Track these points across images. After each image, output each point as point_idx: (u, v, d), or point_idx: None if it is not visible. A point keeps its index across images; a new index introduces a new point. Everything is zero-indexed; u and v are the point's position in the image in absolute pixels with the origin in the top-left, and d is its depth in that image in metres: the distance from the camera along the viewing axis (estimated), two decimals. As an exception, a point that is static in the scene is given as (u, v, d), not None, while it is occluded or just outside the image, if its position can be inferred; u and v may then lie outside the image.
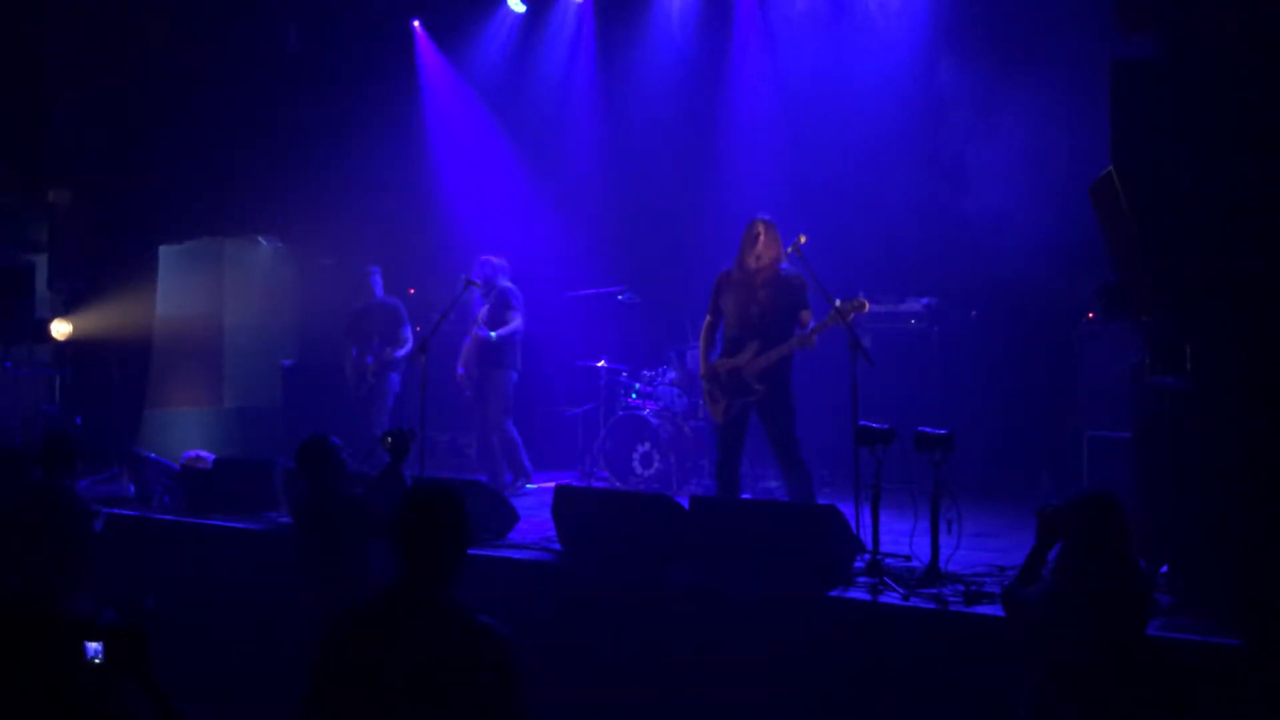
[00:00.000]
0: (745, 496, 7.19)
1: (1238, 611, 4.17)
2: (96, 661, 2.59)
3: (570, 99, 10.12)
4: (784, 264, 6.22)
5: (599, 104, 9.92)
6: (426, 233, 10.33)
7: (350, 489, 5.38)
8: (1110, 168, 4.96)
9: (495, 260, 8.20)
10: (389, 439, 5.49)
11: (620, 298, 8.88)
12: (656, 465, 8.18)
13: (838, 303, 5.78)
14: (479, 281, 7.90)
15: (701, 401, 8.45)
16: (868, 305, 5.94)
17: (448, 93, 10.29)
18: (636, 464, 8.27)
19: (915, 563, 5.30)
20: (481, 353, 8.00)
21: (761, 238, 6.16)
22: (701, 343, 6.51)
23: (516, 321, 8.01)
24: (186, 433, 9.84)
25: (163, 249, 9.60)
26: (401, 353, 8.63)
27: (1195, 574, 4.58)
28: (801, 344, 6.06)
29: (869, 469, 5.28)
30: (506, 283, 8.15)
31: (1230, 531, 4.31)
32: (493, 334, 7.81)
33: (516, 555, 5.92)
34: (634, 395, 8.62)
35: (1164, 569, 4.76)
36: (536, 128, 10.27)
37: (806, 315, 6.14)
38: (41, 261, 9.25)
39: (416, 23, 10.07)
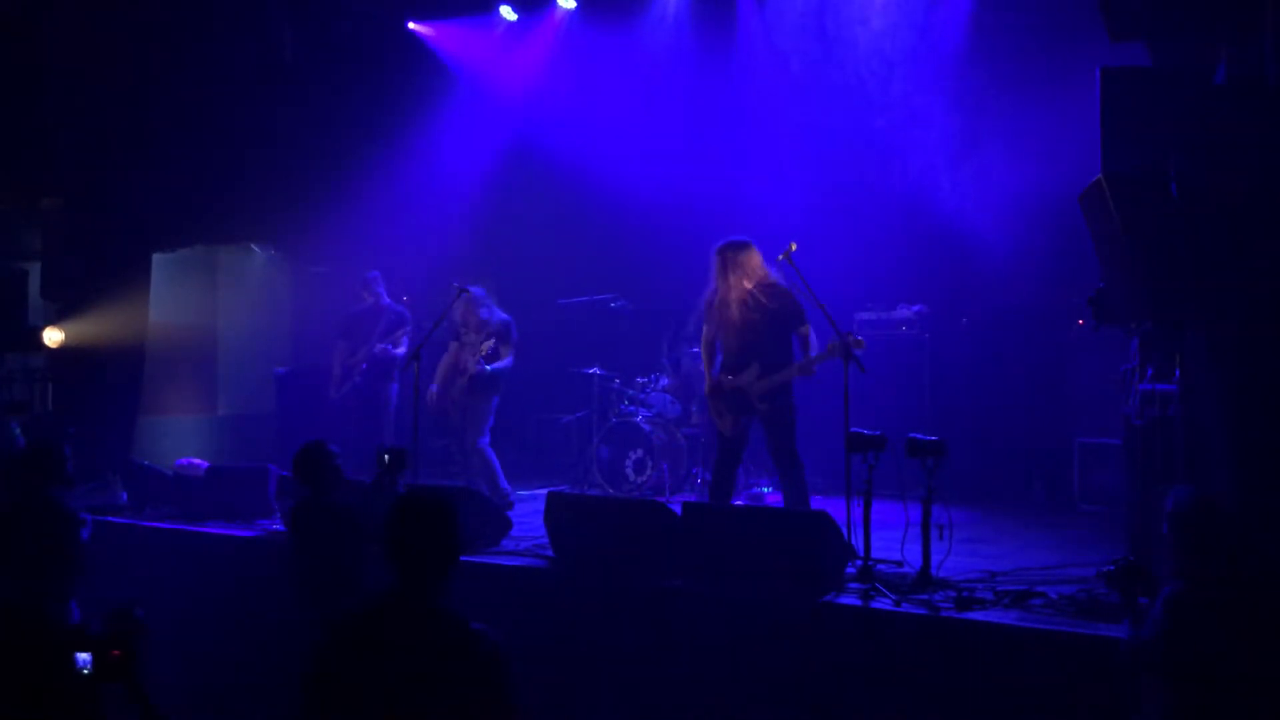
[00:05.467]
0: (737, 502, 7.21)
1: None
2: (86, 672, 2.57)
3: (564, 108, 10.13)
4: (771, 278, 6.23)
5: (593, 112, 9.93)
6: (420, 241, 10.33)
7: (345, 496, 5.37)
8: (1100, 176, 4.98)
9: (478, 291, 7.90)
10: (386, 455, 5.47)
11: (613, 305, 8.89)
12: (649, 472, 8.18)
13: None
14: (472, 290, 7.81)
15: (695, 408, 8.51)
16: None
17: (443, 99, 10.31)
18: (629, 471, 8.28)
19: (907, 568, 5.31)
20: (472, 380, 7.79)
21: (727, 266, 6.20)
22: (703, 357, 6.56)
23: (509, 359, 7.83)
24: (180, 440, 9.83)
25: (156, 257, 9.59)
26: (395, 351, 8.58)
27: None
28: (801, 372, 6.11)
29: (861, 475, 5.29)
30: (504, 316, 7.91)
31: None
32: (488, 367, 7.69)
33: (509, 562, 5.93)
34: (627, 402, 8.63)
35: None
36: (532, 136, 10.29)
37: (806, 329, 6.16)
38: (34, 269, 9.21)
39: (412, 24, 10.04)
